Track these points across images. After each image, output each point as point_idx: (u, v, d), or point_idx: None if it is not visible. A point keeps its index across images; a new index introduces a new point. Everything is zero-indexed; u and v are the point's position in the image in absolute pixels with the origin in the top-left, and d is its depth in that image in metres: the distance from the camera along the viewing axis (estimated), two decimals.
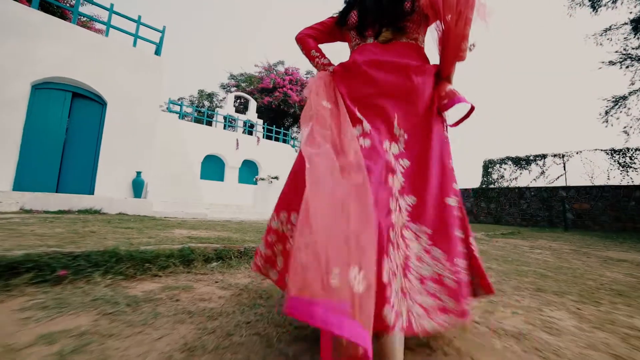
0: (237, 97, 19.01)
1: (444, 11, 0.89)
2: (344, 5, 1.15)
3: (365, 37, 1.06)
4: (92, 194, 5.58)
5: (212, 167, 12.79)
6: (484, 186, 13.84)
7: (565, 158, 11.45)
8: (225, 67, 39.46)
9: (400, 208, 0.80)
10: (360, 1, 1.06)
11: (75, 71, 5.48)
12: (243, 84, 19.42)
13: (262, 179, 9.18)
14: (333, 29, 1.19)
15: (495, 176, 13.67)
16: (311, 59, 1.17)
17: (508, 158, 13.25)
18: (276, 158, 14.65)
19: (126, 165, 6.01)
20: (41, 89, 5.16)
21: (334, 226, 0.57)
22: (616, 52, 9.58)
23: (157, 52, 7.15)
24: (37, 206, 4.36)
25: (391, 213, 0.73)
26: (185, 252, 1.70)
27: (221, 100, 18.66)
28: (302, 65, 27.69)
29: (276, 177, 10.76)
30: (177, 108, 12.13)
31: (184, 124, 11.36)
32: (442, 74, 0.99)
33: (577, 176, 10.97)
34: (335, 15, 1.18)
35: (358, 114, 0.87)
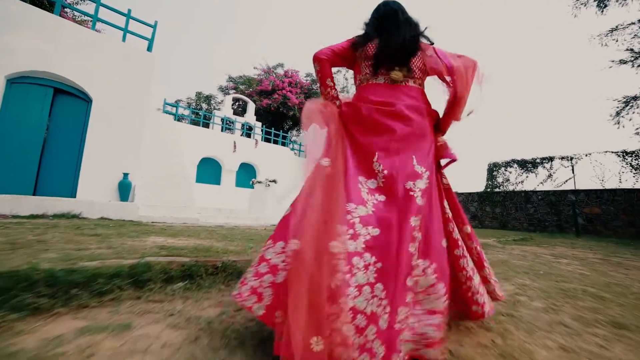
0: (235, 100, 18.71)
1: (455, 82, 1.02)
2: (362, 32, 1.17)
3: (378, 73, 1.11)
4: (74, 196, 5.17)
5: (209, 170, 12.41)
6: (488, 190, 13.43)
7: (574, 161, 11.05)
8: (224, 69, 39.29)
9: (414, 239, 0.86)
10: (383, 35, 1.10)
11: (58, 65, 5.11)
12: (242, 87, 19.14)
13: (259, 182, 8.78)
14: (347, 54, 1.18)
15: (500, 179, 13.26)
16: (324, 86, 1.19)
17: (513, 161, 12.86)
18: (275, 161, 14.28)
19: (112, 166, 5.61)
20: (18, 83, 4.78)
21: None
22: (626, 49, 9.24)
23: (149, 48, 6.81)
24: (6, 210, 3.95)
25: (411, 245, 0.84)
26: (139, 269, 1.29)
27: (219, 103, 18.36)
28: (301, 67, 27.51)
29: (274, 181, 10.37)
30: (173, 110, 11.78)
31: (179, 126, 11.01)
32: (442, 128, 1.13)
33: (587, 179, 10.56)
34: (352, 39, 1.17)
35: (375, 165, 0.95)
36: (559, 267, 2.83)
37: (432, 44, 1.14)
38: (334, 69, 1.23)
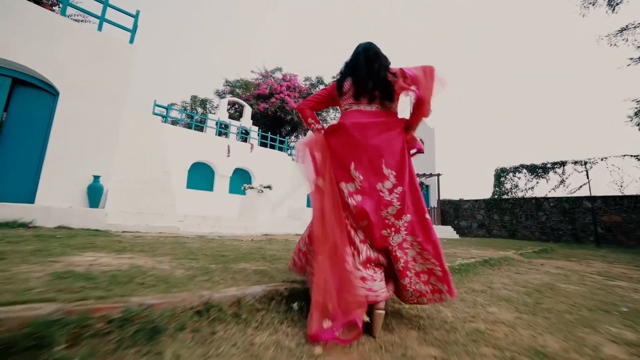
0: (231, 103, 18.19)
1: (418, 88, 1.27)
2: (341, 72, 1.50)
3: (354, 103, 1.42)
4: (32, 202, 4.49)
5: (201, 176, 11.76)
6: (496, 197, 12.75)
7: (588, 165, 10.40)
8: (223, 73, 38.83)
9: (398, 227, 1.25)
10: (355, 72, 1.41)
11: (18, 53, 4.50)
12: (239, 90, 18.65)
13: (251, 188, 8.10)
14: (328, 97, 1.55)
15: (508, 186, 12.60)
16: (308, 125, 1.56)
17: (522, 166, 12.21)
18: (271, 167, 13.64)
19: (81, 168, 4.95)
20: None
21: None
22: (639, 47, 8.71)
23: (131, 40, 6.24)
24: None
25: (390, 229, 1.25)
26: None
27: (215, 107, 17.83)
28: (300, 71, 27.07)
29: (269, 187, 9.69)
30: (165, 112, 11.18)
31: (168, 128, 10.39)
32: (411, 125, 1.39)
33: (603, 185, 9.89)
34: (332, 83, 1.54)
35: (352, 172, 1.30)
36: (630, 295, 2.13)
37: (402, 68, 1.37)
38: (338, 69, 1.55)
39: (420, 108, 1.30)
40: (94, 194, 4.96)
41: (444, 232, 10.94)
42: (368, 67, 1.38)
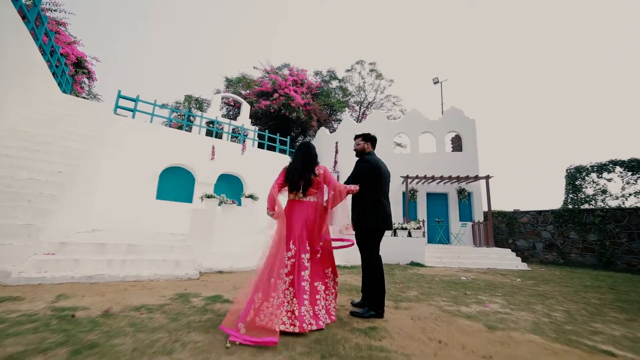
0: (226, 99, 16.14)
1: (329, 189, 2.31)
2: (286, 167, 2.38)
3: (291, 193, 2.33)
4: None
5: (177, 184, 9.47)
6: (571, 206, 9.17)
7: None
8: (224, 72, 37.14)
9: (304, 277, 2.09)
10: (291, 169, 2.30)
11: None
12: (242, 90, 16.59)
13: (210, 197, 5.51)
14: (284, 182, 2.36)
15: (590, 191, 8.98)
16: (268, 211, 2.24)
17: (614, 162, 8.58)
18: (268, 172, 11.03)
19: None
20: None
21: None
22: None
23: None
24: None
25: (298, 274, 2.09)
26: None
27: (208, 107, 15.87)
28: (309, 66, 24.63)
29: (251, 196, 7.10)
30: (130, 104, 9.15)
31: (124, 122, 8.23)
32: (328, 207, 2.32)
33: None
34: (283, 172, 2.35)
35: (291, 244, 2.15)
36: None
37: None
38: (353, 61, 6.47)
39: (332, 203, 2.32)
40: None
41: (500, 259, 7.60)
42: (301, 166, 2.31)
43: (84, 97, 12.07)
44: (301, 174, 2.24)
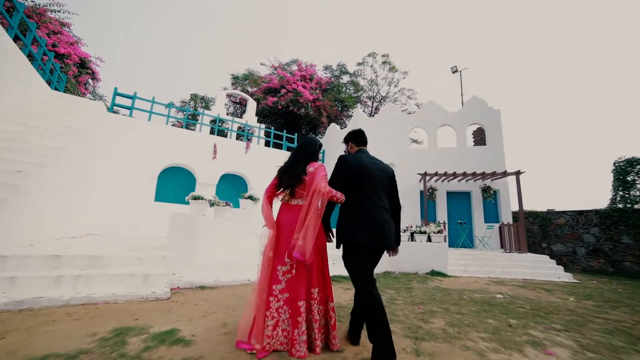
0: (231, 96, 15.64)
1: (311, 191, 1.85)
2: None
3: (285, 194, 2.08)
4: None
5: (178, 185, 8.98)
6: (620, 205, 7.89)
7: None
8: (231, 70, 36.66)
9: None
10: (283, 171, 2.02)
11: None
12: (249, 87, 16.08)
13: (197, 199, 4.86)
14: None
15: None
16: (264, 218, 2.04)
17: None
18: (274, 171, 10.32)
19: None
20: None
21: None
22: None
23: None
24: None
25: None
26: None
27: (212, 105, 15.47)
28: (319, 61, 23.99)
29: (251, 197, 6.43)
30: (128, 102, 8.78)
31: (119, 119, 7.79)
32: (308, 214, 1.90)
33: None
34: (277, 174, 2.09)
35: (285, 258, 1.88)
36: None
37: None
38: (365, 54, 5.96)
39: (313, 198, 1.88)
40: None
41: (536, 267, 6.53)
42: (292, 167, 2.03)
43: (90, 98, 11.88)
44: (288, 172, 1.98)
